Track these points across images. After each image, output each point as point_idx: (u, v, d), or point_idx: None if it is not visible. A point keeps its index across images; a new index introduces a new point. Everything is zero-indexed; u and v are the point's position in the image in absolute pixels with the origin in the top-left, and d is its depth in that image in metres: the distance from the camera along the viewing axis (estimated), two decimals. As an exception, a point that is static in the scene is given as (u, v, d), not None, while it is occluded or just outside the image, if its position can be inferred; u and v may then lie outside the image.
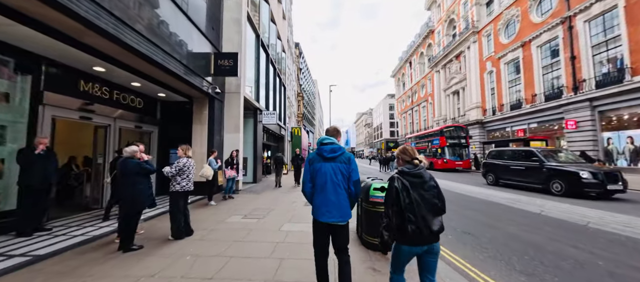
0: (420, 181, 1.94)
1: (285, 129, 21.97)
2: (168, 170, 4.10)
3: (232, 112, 9.70)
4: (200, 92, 8.16)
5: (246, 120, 12.76)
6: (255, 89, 12.86)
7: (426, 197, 1.91)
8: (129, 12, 4.62)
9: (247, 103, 11.38)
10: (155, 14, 5.57)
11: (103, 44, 4.59)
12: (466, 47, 29.73)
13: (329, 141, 2.39)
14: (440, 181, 15.15)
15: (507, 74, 24.01)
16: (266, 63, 15.14)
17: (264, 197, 8.50)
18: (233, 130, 9.67)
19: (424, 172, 1.99)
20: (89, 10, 3.73)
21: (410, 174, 1.96)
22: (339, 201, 2.24)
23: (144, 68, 5.99)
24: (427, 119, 41.31)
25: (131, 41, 4.70)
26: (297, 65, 41.76)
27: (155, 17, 5.59)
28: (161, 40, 5.78)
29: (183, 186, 4.17)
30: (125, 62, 5.58)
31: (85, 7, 3.66)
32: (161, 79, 6.78)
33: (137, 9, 4.90)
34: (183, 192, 4.19)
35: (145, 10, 5.21)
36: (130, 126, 7.29)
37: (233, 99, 9.75)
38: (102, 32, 4.04)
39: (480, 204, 7.57)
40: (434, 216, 1.90)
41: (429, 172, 2.05)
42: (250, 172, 12.54)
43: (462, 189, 10.72)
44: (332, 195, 2.24)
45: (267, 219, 5.54)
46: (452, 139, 20.45)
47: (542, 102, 19.88)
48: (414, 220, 1.83)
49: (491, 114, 25.69)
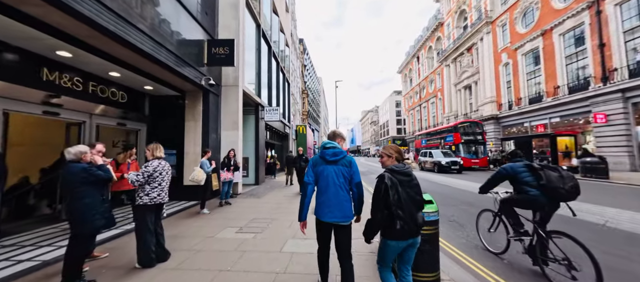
0: (408, 179, 2.04)
1: (289, 127, 20.98)
2: (133, 177, 3.11)
3: (229, 108, 8.72)
4: (193, 85, 7.19)
5: (246, 117, 11.79)
6: (257, 83, 11.87)
7: (411, 194, 2.01)
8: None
9: (247, 98, 10.39)
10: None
11: (60, 21, 3.63)
12: (479, 39, 28.25)
13: (331, 145, 2.49)
14: (456, 180, 14.28)
15: (525, 65, 22.53)
16: (268, 56, 14.14)
17: (266, 202, 7.50)
18: (231, 127, 8.69)
19: (408, 169, 2.08)
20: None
21: (399, 172, 2.04)
22: (340, 201, 2.33)
23: (122, 54, 5.04)
24: (437, 115, 39.84)
25: (102, 20, 3.75)
26: (302, 61, 40.73)
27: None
28: (141, 21, 4.81)
29: (153, 197, 3.17)
30: (97, 46, 4.62)
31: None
32: (145, 68, 5.82)
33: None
34: (153, 206, 3.20)
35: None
36: (111, 123, 6.36)
37: (231, 93, 8.76)
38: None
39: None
40: (417, 211, 2.01)
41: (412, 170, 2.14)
42: (252, 173, 11.58)
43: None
44: (333, 196, 2.33)
45: (266, 234, 4.52)
46: (467, 135, 19.15)
47: (565, 95, 18.42)
48: (403, 216, 1.92)
49: (507, 109, 24.23)
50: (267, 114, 12.12)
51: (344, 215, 2.32)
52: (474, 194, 8.58)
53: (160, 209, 3.33)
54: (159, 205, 3.30)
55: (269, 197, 8.18)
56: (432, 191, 9.45)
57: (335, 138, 2.55)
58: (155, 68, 5.85)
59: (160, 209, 3.32)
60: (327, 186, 2.36)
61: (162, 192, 3.25)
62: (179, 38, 6.26)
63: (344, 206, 2.32)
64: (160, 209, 3.34)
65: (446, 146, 20.52)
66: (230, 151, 7.27)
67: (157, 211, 3.29)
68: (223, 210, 6.46)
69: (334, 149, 2.45)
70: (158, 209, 3.31)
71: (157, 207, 3.28)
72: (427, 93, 43.41)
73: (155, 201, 3.18)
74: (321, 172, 2.40)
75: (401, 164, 2.12)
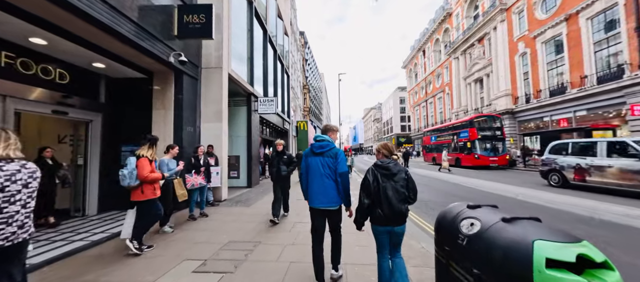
0: (388, 172, 2.30)
1: (289, 122, 19.35)
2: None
3: (211, 95, 7.09)
4: (160, 63, 5.58)
5: (236, 108, 10.17)
6: (249, 69, 10.24)
7: (395, 187, 2.26)
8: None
9: (236, 86, 8.77)
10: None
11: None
12: (492, 28, 26.38)
13: (320, 138, 2.72)
14: (476, 180, 12.20)
15: (545, 54, 20.68)
16: (264, 42, 12.49)
17: (254, 213, 5.88)
18: (213, 118, 7.07)
19: (392, 165, 2.33)
20: None
21: (382, 167, 2.34)
22: (326, 189, 2.56)
23: (48, 12, 3.47)
24: (444, 111, 38.02)
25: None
26: (303, 55, 39.01)
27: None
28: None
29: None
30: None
31: None
32: (85, 35, 4.22)
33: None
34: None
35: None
36: (44, 111, 4.76)
37: (213, 76, 7.13)
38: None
39: (613, 228, 4.75)
40: (399, 202, 2.25)
41: (403, 166, 2.38)
42: (244, 173, 9.98)
43: (517, 192, 7.84)
44: (319, 185, 2.58)
45: (241, 275, 2.91)
46: (484, 130, 17.40)
47: (594, 85, 16.59)
48: (380, 205, 2.24)
49: (524, 103, 22.40)
50: (262, 105, 10.49)
51: (330, 201, 2.56)
52: (521, 201, 6.91)
53: (11, 258, 1.68)
54: (22, 244, 1.68)
55: (259, 206, 6.56)
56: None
57: (327, 132, 2.77)
58: (101, 36, 4.24)
59: (10, 256, 1.67)
60: (313, 176, 2.62)
61: (11, 225, 1.62)
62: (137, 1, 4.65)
63: (329, 193, 2.56)
64: (13, 256, 1.69)
65: (459, 143, 18.78)
66: (199, 147, 5.65)
67: (18, 254, 1.65)
68: (192, 227, 4.84)
69: (321, 143, 2.67)
70: (19, 251, 1.67)
71: (19, 247, 1.65)
72: (433, 88, 41.54)
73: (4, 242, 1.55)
74: (309, 163, 2.67)
75: (388, 159, 2.40)
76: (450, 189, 9.41)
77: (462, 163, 18.05)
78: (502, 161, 16.74)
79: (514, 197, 7.25)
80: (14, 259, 1.66)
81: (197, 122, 6.78)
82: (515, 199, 7.03)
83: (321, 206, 2.56)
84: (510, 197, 7.35)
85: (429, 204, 6.60)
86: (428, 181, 11.81)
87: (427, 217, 5.62)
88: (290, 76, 21.09)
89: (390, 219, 2.20)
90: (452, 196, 7.75)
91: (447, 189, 9.46)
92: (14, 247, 1.64)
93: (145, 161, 3.52)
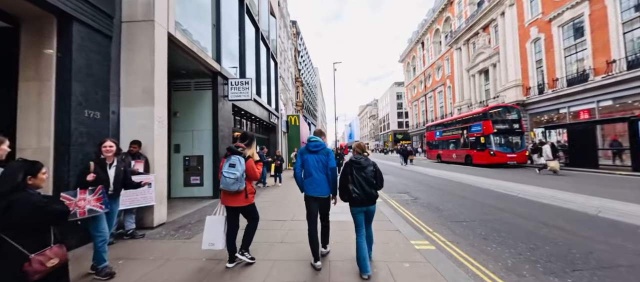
0: (360, 166, 2.93)
1: (277, 116, 16.89)
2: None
3: (137, 64, 4.64)
4: (29, 1, 3.13)
5: (198, 93, 7.75)
6: (214, 39, 7.79)
7: (365, 177, 2.89)
8: None
9: (193, 60, 6.34)
10: None
11: None
12: (499, 14, 24.31)
13: (314, 139, 3.28)
14: (508, 184, 8.84)
15: (562, 39, 18.61)
16: (240, 11, 10.04)
17: (190, 256, 3.51)
18: (141, 100, 4.62)
19: (363, 160, 2.97)
20: None
21: (354, 161, 2.97)
22: (319, 181, 3.11)
23: None
24: (445, 105, 36.00)
25: None
26: (295, 46, 36.42)
27: None
28: None
29: None
30: None
31: None
32: None
33: None
34: None
35: None
36: None
37: (140, 36, 4.67)
38: None
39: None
40: (369, 188, 2.88)
41: (371, 161, 3.03)
42: (209, 180, 7.56)
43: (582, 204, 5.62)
44: (314, 177, 3.11)
45: None
46: (500, 124, 15.25)
47: (623, 71, 14.55)
48: (355, 190, 2.86)
49: (537, 94, 20.36)
50: (234, 89, 8.05)
51: (321, 191, 3.11)
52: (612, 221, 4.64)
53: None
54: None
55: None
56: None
57: (320, 135, 3.35)
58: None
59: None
60: (309, 170, 3.14)
61: None
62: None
63: (321, 184, 3.11)
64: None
65: (471, 138, 16.60)
66: (104, 143, 3.23)
67: None
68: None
69: (316, 143, 3.24)
70: None
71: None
72: (433, 81, 39.46)
73: None
74: (306, 159, 3.19)
75: (360, 156, 3.03)
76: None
77: (474, 161, 15.90)
78: (521, 157, 14.62)
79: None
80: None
81: (110, 106, 4.32)
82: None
83: (315, 194, 3.10)
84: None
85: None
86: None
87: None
88: (278, 64, 18.61)
89: (364, 201, 2.86)
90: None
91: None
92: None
93: (252, 162, 3.19)
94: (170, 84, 7.72)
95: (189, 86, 7.76)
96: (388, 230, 4.32)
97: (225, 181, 2.94)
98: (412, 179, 11.59)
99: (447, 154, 20.62)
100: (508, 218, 5.03)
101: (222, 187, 2.98)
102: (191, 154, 7.62)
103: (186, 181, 7.60)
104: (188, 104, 7.73)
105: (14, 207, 1.57)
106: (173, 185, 7.54)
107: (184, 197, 7.39)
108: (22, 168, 1.75)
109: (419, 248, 3.55)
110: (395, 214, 5.46)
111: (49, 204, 1.77)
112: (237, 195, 3.04)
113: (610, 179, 9.97)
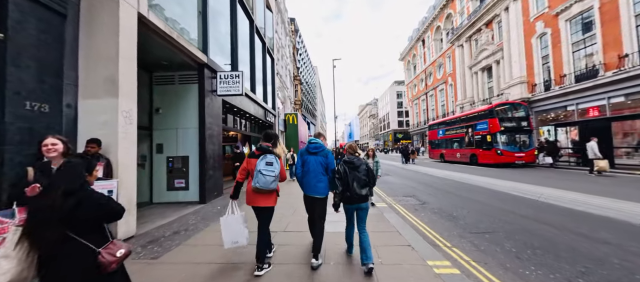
0: (353, 165, 3.07)
1: (274, 114, 16.15)
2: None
3: (99, 49, 3.90)
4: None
5: (183, 87, 7.03)
6: (201, 26, 7.06)
7: (357, 176, 3.02)
8: None
9: (174, 50, 5.60)
10: None
11: None
12: (503, 9, 23.61)
13: (314, 141, 3.39)
14: (522, 185, 7.77)
15: (570, 34, 17.92)
16: (232, 3, 9.30)
17: (161, 277, 2.80)
18: (103, 91, 3.88)
19: (356, 160, 3.12)
20: None
21: (347, 161, 3.12)
22: (317, 182, 3.19)
23: None
24: (446, 103, 35.29)
25: None
26: (294, 43, 35.65)
27: None
28: None
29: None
30: None
31: None
32: None
33: None
34: None
35: None
36: None
37: (100, 13, 3.93)
38: None
39: None
40: (361, 187, 2.99)
41: (364, 160, 3.20)
42: (195, 183, 6.82)
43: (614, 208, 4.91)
44: (313, 178, 3.20)
45: None
46: (508, 121, 14.55)
47: (637, 65, 13.86)
48: (348, 189, 2.98)
49: (543, 90, 19.67)
50: (223, 83, 7.32)
51: (319, 192, 3.19)
52: None
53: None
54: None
55: (187, 251, 3.45)
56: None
57: (319, 137, 3.45)
58: None
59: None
60: (309, 171, 3.22)
61: None
62: None
63: (319, 185, 3.19)
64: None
65: (476, 137, 15.90)
66: (45, 141, 2.49)
67: None
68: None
69: (316, 144, 3.34)
70: None
71: None
72: (434, 79, 38.76)
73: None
74: (306, 160, 3.28)
75: (353, 156, 3.18)
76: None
77: (480, 160, 15.20)
78: (529, 157, 13.92)
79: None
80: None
81: (64, 97, 3.58)
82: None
83: (312, 194, 3.19)
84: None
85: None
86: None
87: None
88: (275, 61, 17.87)
89: (355, 199, 2.98)
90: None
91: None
92: None
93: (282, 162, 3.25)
94: (151, 77, 7.02)
95: (172, 79, 7.02)
96: (398, 245, 3.60)
97: (265, 179, 2.84)
98: (416, 180, 10.89)
99: (451, 154, 19.92)
100: (537, 228, 4.31)
101: (258, 186, 2.85)
102: (175, 154, 6.88)
103: (170, 184, 6.86)
104: (172, 100, 6.99)
105: (83, 204, 1.57)
106: (155, 189, 6.82)
107: (167, 203, 6.66)
108: (83, 165, 1.74)
109: (439, 272, 2.84)
110: (404, 223, 4.75)
111: (110, 201, 1.77)
112: (270, 195, 3.02)
113: (631, 179, 9.27)
